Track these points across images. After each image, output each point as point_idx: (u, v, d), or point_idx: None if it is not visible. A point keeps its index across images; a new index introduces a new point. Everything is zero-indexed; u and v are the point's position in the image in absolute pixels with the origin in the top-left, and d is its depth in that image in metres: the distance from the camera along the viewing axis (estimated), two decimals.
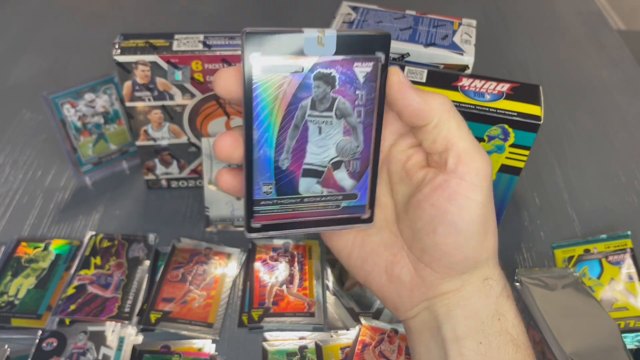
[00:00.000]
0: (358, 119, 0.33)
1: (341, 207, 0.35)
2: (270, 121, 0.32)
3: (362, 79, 0.32)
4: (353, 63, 0.32)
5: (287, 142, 0.33)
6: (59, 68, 0.84)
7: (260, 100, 0.31)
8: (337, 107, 0.32)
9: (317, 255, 0.58)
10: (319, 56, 0.31)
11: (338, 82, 0.32)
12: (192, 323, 0.52)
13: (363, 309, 0.54)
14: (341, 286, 0.56)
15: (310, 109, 0.32)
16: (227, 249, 0.59)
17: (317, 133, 0.33)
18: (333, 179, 0.34)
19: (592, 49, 0.94)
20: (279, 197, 0.34)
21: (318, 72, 0.31)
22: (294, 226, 0.35)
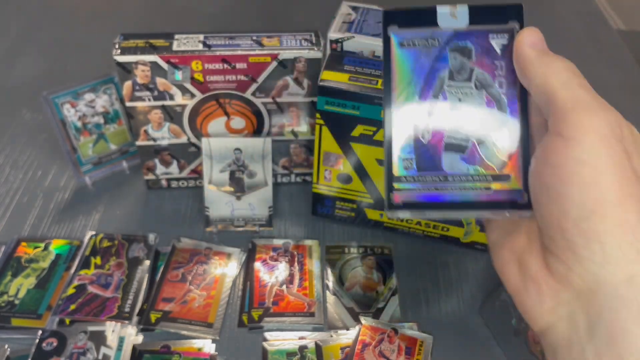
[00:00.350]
0: (500, 90, 0.32)
1: (492, 190, 0.31)
2: (409, 92, 0.32)
3: (499, 50, 0.32)
4: (488, 35, 0.32)
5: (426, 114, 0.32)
6: (59, 68, 0.84)
7: (398, 71, 0.32)
8: (476, 78, 0.32)
9: (317, 255, 0.58)
10: (453, 28, 0.32)
11: (475, 53, 0.32)
12: (192, 323, 0.52)
13: (363, 309, 0.54)
14: (341, 286, 0.56)
15: (449, 79, 0.32)
16: (227, 248, 0.59)
17: (457, 102, 0.32)
18: (479, 155, 0.32)
19: (592, 48, 0.94)
20: (420, 172, 0.32)
21: (454, 44, 0.32)
22: (438, 207, 0.32)
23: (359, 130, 0.52)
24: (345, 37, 0.54)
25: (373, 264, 0.58)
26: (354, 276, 0.57)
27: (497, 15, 0.32)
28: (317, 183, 0.59)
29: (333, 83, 0.50)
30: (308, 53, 0.55)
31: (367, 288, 0.56)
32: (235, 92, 0.57)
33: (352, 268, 0.58)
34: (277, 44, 0.55)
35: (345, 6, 0.59)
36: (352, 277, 0.57)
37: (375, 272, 0.57)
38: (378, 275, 0.57)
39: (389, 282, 0.56)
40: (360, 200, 0.59)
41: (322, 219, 0.63)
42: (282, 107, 0.59)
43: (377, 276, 0.57)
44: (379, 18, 0.57)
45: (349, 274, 0.57)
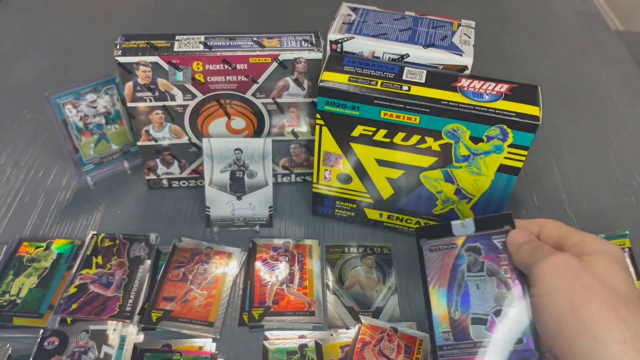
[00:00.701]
0: (506, 275, 0.43)
1: (512, 350, 0.41)
2: (440, 284, 0.45)
3: (500, 246, 0.44)
4: (491, 237, 0.44)
5: (454, 297, 0.44)
6: (60, 69, 0.84)
7: (430, 270, 0.46)
8: (487, 268, 0.44)
9: (317, 255, 0.59)
10: (465, 235, 0.45)
11: (483, 250, 0.44)
12: (192, 322, 0.52)
13: (363, 308, 0.54)
14: (341, 285, 0.56)
15: (467, 272, 0.45)
16: (227, 248, 0.59)
17: (475, 288, 0.44)
18: (498, 326, 0.42)
19: (591, 49, 0.94)
20: (456, 342, 0.43)
21: (467, 246, 0.45)
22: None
23: (358, 131, 0.53)
24: (345, 38, 0.54)
25: (373, 263, 0.58)
26: (354, 275, 0.57)
27: (495, 223, 0.45)
28: (317, 183, 0.59)
29: (333, 84, 0.51)
30: (308, 54, 0.55)
31: (366, 287, 0.56)
32: (236, 93, 0.58)
33: (351, 267, 0.58)
34: (277, 45, 0.56)
35: (345, 7, 0.59)
36: (351, 276, 0.57)
37: (375, 272, 0.58)
38: (378, 275, 0.57)
39: (389, 281, 0.57)
40: (360, 200, 0.59)
41: (322, 218, 0.63)
42: (282, 107, 0.60)
43: (376, 275, 0.57)
44: (379, 19, 0.57)
45: (349, 273, 0.57)
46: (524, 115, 0.48)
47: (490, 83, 0.51)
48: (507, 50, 0.93)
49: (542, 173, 0.70)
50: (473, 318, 0.43)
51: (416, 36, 0.55)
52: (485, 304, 0.43)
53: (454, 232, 0.46)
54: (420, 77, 0.51)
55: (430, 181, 0.55)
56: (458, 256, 0.45)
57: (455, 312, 0.44)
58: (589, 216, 0.65)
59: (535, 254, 0.40)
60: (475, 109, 0.48)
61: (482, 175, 0.53)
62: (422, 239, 0.47)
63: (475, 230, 0.45)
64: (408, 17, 0.58)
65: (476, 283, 0.44)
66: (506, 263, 0.43)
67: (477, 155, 0.51)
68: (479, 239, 0.45)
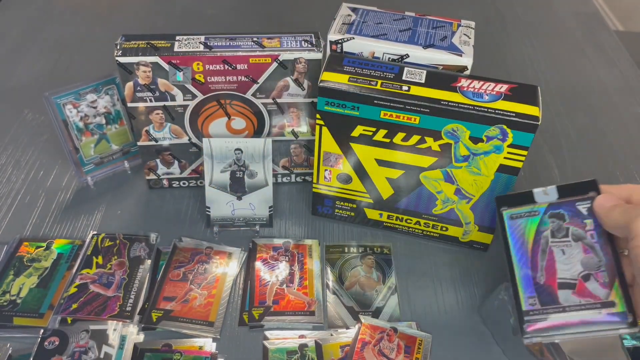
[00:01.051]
0: (593, 240, 0.43)
1: (603, 314, 0.41)
2: (524, 250, 0.45)
3: (586, 212, 0.44)
4: (575, 202, 0.44)
5: (539, 263, 0.44)
6: (61, 69, 0.84)
7: (514, 236, 0.46)
8: (572, 234, 0.44)
9: (317, 255, 0.59)
10: (547, 202, 0.46)
11: (567, 216, 0.45)
12: (193, 322, 0.52)
13: (363, 308, 0.54)
14: (341, 285, 0.56)
15: (551, 237, 0.45)
16: (227, 248, 0.59)
17: (561, 254, 0.44)
18: (587, 289, 0.42)
19: (590, 50, 0.94)
20: (543, 307, 0.43)
21: (550, 212, 0.45)
22: (561, 330, 0.42)
23: (358, 131, 0.53)
24: (345, 38, 0.54)
25: (373, 263, 0.58)
26: (354, 275, 0.57)
27: (579, 189, 0.45)
28: (317, 183, 0.60)
29: (333, 84, 0.51)
30: (308, 54, 0.55)
31: (366, 287, 0.56)
32: (236, 93, 0.58)
33: (351, 267, 0.58)
34: (277, 45, 0.56)
35: (345, 7, 0.59)
36: (351, 276, 0.57)
37: (374, 272, 0.58)
38: (378, 275, 0.57)
39: (389, 281, 0.57)
40: (360, 200, 0.60)
41: (322, 218, 0.63)
42: (282, 107, 0.60)
43: (376, 275, 0.57)
44: (379, 19, 0.57)
45: (349, 273, 0.57)
46: (523, 116, 0.48)
47: (490, 83, 0.51)
48: (507, 50, 0.93)
49: (541, 173, 0.70)
50: (560, 282, 0.43)
51: (416, 36, 0.55)
52: (573, 269, 0.43)
53: (536, 199, 0.46)
54: (420, 77, 0.51)
55: (430, 181, 0.55)
56: (541, 223, 0.45)
57: (540, 277, 0.44)
58: None
59: (630, 213, 0.40)
60: (475, 109, 0.49)
61: (481, 175, 0.53)
62: (503, 207, 0.47)
63: (558, 197, 0.45)
64: (408, 18, 0.58)
65: (561, 249, 0.44)
66: (592, 228, 0.43)
67: (476, 155, 0.52)
68: (562, 205, 0.45)
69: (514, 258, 0.45)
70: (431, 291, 0.57)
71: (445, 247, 0.61)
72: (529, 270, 0.44)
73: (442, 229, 0.59)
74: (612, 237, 0.42)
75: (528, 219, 0.46)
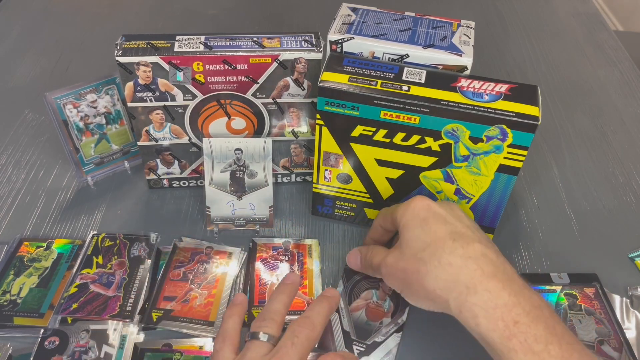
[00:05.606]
0: (601, 316, 0.53)
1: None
2: None
3: (592, 295, 0.55)
4: (583, 287, 0.56)
5: None
6: (61, 69, 0.84)
7: None
8: (585, 309, 0.54)
9: (317, 254, 0.59)
10: (562, 284, 0.57)
11: (579, 296, 0.55)
12: (193, 321, 0.52)
13: (359, 337, 0.51)
14: (347, 304, 0.54)
15: (569, 309, 0.54)
16: (228, 248, 0.59)
17: (579, 322, 0.53)
18: (603, 351, 0.50)
19: (590, 49, 0.94)
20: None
21: (565, 292, 0.56)
22: None
23: (358, 131, 0.53)
24: (345, 38, 0.54)
25: (390, 290, 0.55)
26: (365, 298, 0.54)
27: (585, 279, 0.56)
28: (317, 183, 0.60)
29: (333, 84, 0.51)
30: (308, 54, 0.55)
31: (372, 316, 0.53)
32: (236, 93, 0.58)
33: (366, 288, 0.55)
34: (277, 45, 0.56)
35: (345, 7, 0.59)
36: (362, 298, 0.54)
37: (388, 301, 0.54)
38: (390, 305, 0.54)
39: (399, 317, 0.53)
40: (360, 200, 0.60)
41: (322, 218, 0.63)
42: (282, 107, 0.60)
43: (388, 305, 0.54)
44: (379, 19, 0.57)
45: (362, 293, 0.55)
46: (523, 116, 0.48)
47: (490, 83, 0.51)
48: (507, 51, 0.93)
49: (541, 173, 0.70)
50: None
51: (416, 36, 0.55)
52: (589, 335, 0.52)
53: (553, 280, 0.56)
54: (420, 77, 0.51)
55: (430, 181, 0.55)
56: (559, 297, 0.55)
57: None
58: (589, 216, 0.65)
59: (375, 267, 0.50)
60: (474, 109, 0.49)
61: (481, 175, 0.53)
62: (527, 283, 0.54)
63: (570, 282, 0.56)
64: (408, 18, 0.58)
65: (578, 319, 0.53)
66: (599, 307, 0.54)
67: (476, 155, 0.52)
68: (574, 287, 0.55)
69: None
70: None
71: None
72: None
73: None
74: (614, 314, 0.53)
75: (548, 294, 0.55)
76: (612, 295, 0.55)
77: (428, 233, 0.46)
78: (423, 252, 0.45)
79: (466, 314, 0.42)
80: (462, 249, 0.44)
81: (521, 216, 0.65)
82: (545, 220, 0.64)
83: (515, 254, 0.60)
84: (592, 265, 0.58)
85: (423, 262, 0.44)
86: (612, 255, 0.60)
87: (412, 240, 0.46)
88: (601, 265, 0.58)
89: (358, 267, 0.54)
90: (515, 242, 0.61)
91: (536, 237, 0.62)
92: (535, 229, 0.63)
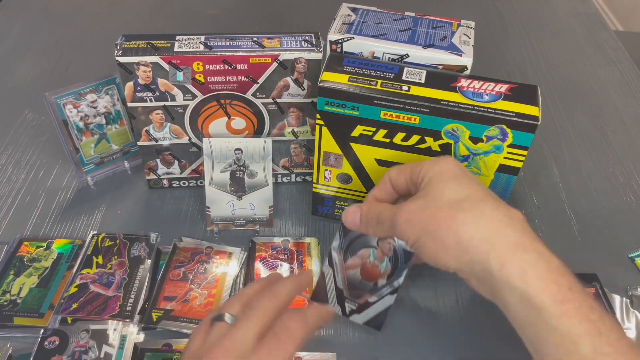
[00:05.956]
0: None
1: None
2: None
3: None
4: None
5: None
6: (61, 69, 0.84)
7: None
8: None
9: (316, 253, 0.59)
10: None
11: None
12: (193, 321, 0.52)
13: (351, 297, 0.51)
14: (343, 260, 0.52)
15: None
16: (227, 248, 0.59)
17: None
18: None
19: (590, 50, 0.94)
20: None
21: None
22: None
23: (358, 131, 0.53)
24: (345, 38, 0.54)
25: (390, 250, 0.51)
26: (362, 256, 0.51)
27: (585, 279, 0.56)
28: (317, 183, 0.60)
29: (333, 84, 0.51)
30: (308, 54, 0.55)
31: (368, 276, 0.51)
32: (236, 93, 0.58)
33: (364, 245, 0.51)
34: (277, 45, 0.56)
35: (345, 7, 0.59)
36: (359, 256, 0.51)
37: (386, 261, 0.51)
38: (387, 266, 0.50)
39: (395, 280, 0.50)
40: (360, 200, 0.60)
41: (322, 218, 0.63)
42: (282, 107, 0.60)
43: (385, 266, 0.50)
44: (379, 19, 0.57)
45: (359, 251, 0.51)
46: (523, 116, 0.48)
47: (490, 83, 0.51)
48: (507, 51, 0.93)
49: (541, 173, 0.70)
50: None
51: (416, 36, 0.55)
52: None
53: None
54: (420, 77, 0.51)
55: None
56: None
57: None
58: (589, 216, 0.65)
59: (384, 222, 0.45)
60: (474, 109, 0.49)
61: (481, 175, 0.53)
62: None
63: None
64: (408, 18, 0.58)
65: None
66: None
67: (476, 155, 0.52)
68: None
69: None
70: (431, 291, 0.56)
71: None
72: None
73: None
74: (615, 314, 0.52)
75: None
76: (612, 296, 0.55)
77: (465, 187, 0.42)
78: (462, 202, 0.41)
79: (511, 269, 0.38)
80: (505, 209, 0.41)
81: None
82: (545, 220, 0.64)
83: None
84: (592, 266, 0.58)
85: (462, 210, 0.40)
86: (612, 255, 0.60)
87: (446, 191, 0.42)
88: (601, 266, 0.58)
89: (356, 225, 0.48)
90: None
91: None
92: (536, 229, 0.62)
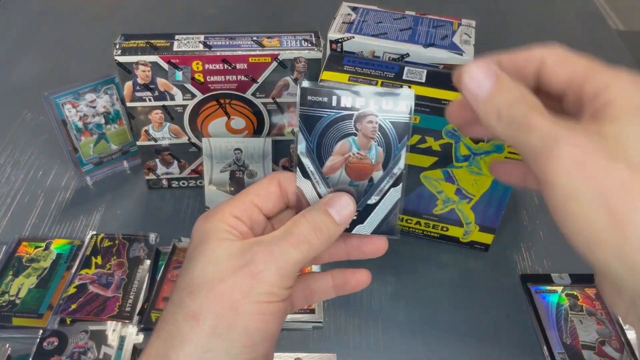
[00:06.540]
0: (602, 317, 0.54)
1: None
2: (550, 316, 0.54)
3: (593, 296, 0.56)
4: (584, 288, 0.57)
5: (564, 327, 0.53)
6: (60, 68, 0.84)
7: (540, 305, 0.56)
8: (586, 310, 0.55)
9: None
10: (563, 285, 0.57)
11: (580, 297, 0.55)
12: None
13: None
14: (318, 165, 0.34)
15: (570, 310, 0.55)
16: None
17: (580, 323, 0.53)
18: (604, 352, 0.51)
19: (591, 49, 0.94)
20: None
21: (566, 292, 0.57)
22: None
23: None
24: (345, 38, 0.54)
25: (374, 132, 0.33)
26: (341, 151, 0.34)
27: (586, 278, 0.57)
28: None
29: (333, 83, 0.50)
30: (308, 53, 0.55)
31: (356, 173, 0.34)
32: (236, 93, 0.58)
33: (340, 135, 0.33)
34: (277, 45, 0.55)
35: (345, 7, 0.59)
36: (337, 152, 0.34)
37: (374, 147, 0.34)
38: (378, 153, 0.34)
39: (394, 164, 0.34)
40: None
41: None
42: (282, 107, 0.59)
43: (376, 154, 0.34)
44: (379, 18, 0.57)
45: (334, 145, 0.34)
46: None
47: None
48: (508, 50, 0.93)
49: None
50: (583, 344, 0.51)
51: (416, 36, 0.55)
52: (590, 335, 0.52)
53: (554, 281, 0.57)
54: (421, 76, 0.51)
55: (430, 181, 0.55)
56: (560, 298, 0.55)
57: (566, 338, 0.52)
58: None
59: (528, 133, 0.27)
60: None
61: (482, 175, 0.53)
62: (528, 283, 0.57)
63: (571, 282, 0.56)
64: (408, 17, 0.58)
65: (580, 319, 0.53)
66: (601, 308, 0.54)
67: (477, 155, 0.51)
68: (575, 288, 0.56)
69: (543, 322, 0.53)
70: (431, 291, 0.56)
71: (445, 248, 0.60)
72: (556, 332, 0.52)
73: (443, 229, 0.59)
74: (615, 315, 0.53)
75: (549, 294, 0.56)
76: None
77: None
78: None
79: None
80: None
81: (522, 216, 0.64)
82: (547, 220, 0.64)
83: (516, 254, 0.60)
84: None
85: None
86: None
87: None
88: None
89: (486, 91, 0.30)
90: (516, 242, 0.61)
91: (537, 237, 0.62)
92: (537, 229, 0.63)
